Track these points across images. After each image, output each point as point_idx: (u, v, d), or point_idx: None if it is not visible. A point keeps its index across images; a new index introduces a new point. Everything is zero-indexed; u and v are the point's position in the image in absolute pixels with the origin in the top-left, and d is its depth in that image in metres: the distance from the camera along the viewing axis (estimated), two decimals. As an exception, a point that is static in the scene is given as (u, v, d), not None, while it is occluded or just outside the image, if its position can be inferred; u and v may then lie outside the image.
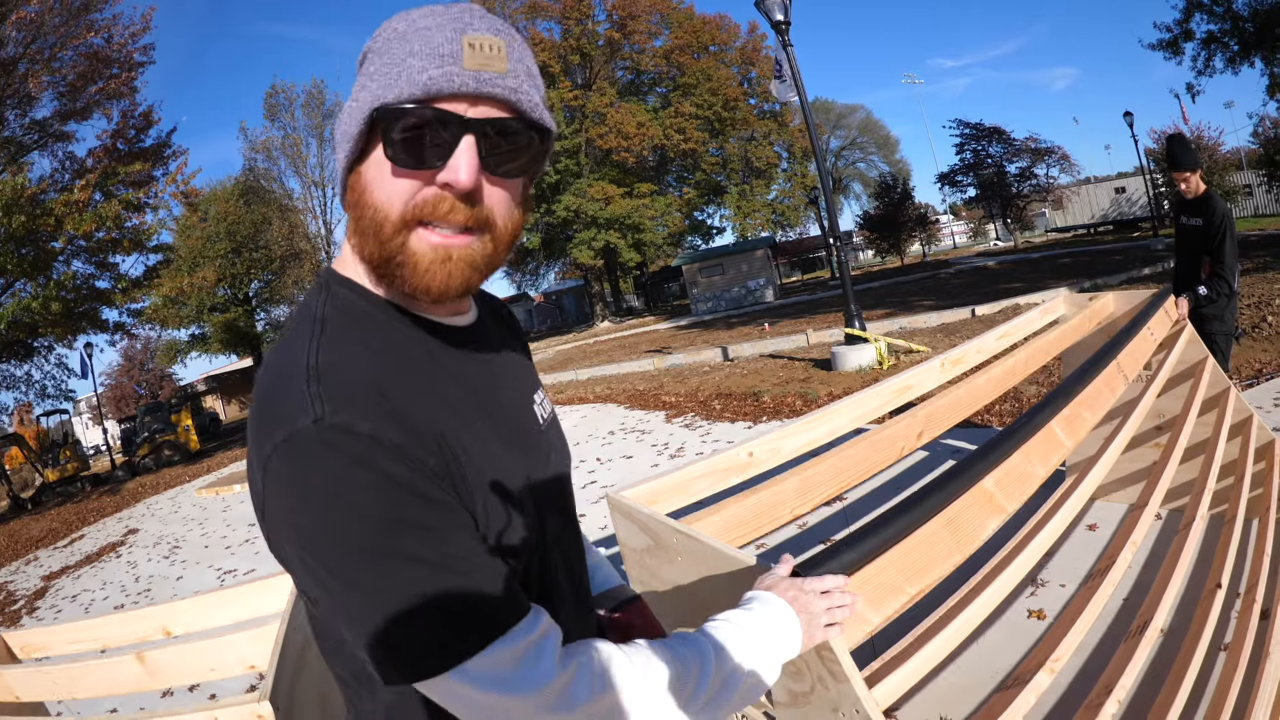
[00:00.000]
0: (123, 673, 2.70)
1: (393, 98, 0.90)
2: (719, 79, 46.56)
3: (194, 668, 2.70)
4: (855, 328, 13.37)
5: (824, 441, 2.75)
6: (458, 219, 0.94)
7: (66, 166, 23.91)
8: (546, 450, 1.19)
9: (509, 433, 1.09)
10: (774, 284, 43.60)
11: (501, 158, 0.96)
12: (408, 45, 0.91)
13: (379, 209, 0.94)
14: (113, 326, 26.74)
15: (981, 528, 1.84)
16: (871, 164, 76.37)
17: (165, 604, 3.00)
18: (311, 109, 44.89)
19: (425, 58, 0.89)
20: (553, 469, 1.18)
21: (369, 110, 0.92)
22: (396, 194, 0.94)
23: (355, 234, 0.99)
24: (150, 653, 2.68)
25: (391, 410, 0.89)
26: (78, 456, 27.65)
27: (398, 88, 0.90)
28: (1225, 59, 26.19)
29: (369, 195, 0.95)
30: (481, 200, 0.96)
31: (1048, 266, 26.75)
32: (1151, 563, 4.00)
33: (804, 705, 1.58)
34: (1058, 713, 3.05)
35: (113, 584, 9.88)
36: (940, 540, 1.71)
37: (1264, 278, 13.64)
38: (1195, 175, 5.41)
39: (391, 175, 0.94)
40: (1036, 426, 2.17)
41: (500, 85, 0.92)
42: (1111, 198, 50.29)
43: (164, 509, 16.31)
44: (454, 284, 0.97)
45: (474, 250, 0.97)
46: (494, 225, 0.98)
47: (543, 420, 1.22)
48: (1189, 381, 3.95)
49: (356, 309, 1.02)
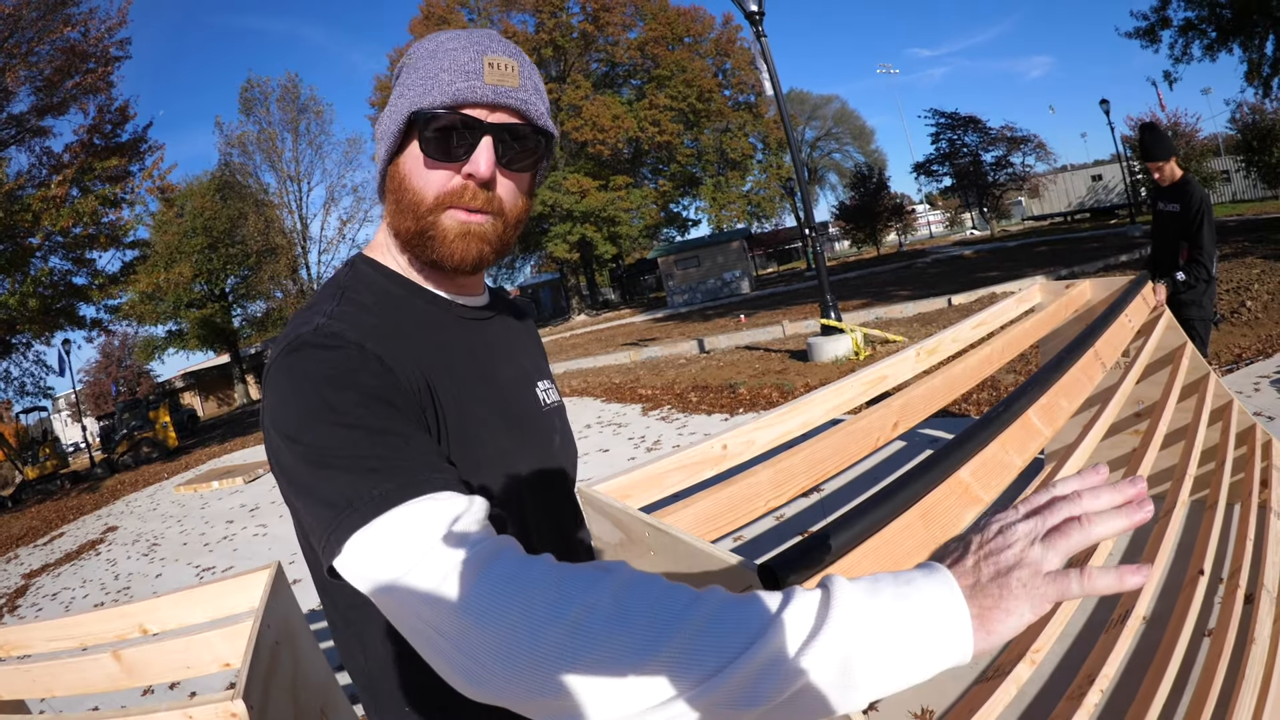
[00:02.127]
0: (100, 671, 2.71)
1: (427, 104, 1.09)
2: (693, 70, 46.47)
3: (170, 666, 2.71)
4: (831, 318, 13.38)
5: (798, 434, 2.72)
6: (477, 203, 1.12)
7: (43, 162, 23.67)
8: (548, 432, 1.34)
9: (504, 405, 1.24)
10: (750, 276, 43.64)
11: (513, 156, 1.15)
12: (439, 62, 1.10)
13: (417, 192, 1.13)
14: (90, 323, 26.52)
15: (958, 519, 1.81)
16: (847, 154, 76.56)
17: (142, 601, 2.99)
18: (286, 103, 44.88)
19: (454, 73, 1.09)
20: (551, 452, 1.32)
21: (408, 113, 1.11)
22: (431, 181, 1.12)
23: (395, 213, 1.17)
24: (126, 651, 2.69)
25: (384, 345, 1.04)
26: (57, 454, 27.46)
27: (431, 95, 1.09)
28: (1203, 46, 26.22)
29: (409, 181, 1.14)
30: (495, 189, 1.14)
31: (1024, 255, 26.94)
32: (1133, 550, 4.00)
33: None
34: (1040, 703, 3.04)
35: (93, 582, 9.82)
36: (915, 532, 1.68)
37: (1243, 263, 13.75)
38: (1169, 163, 5.41)
39: (425, 166, 1.12)
40: (1013, 415, 2.15)
41: (513, 97, 1.11)
42: (1088, 185, 50.52)
43: (143, 506, 16.22)
44: (470, 254, 1.14)
45: (487, 229, 1.15)
46: (504, 209, 1.17)
47: (545, 404, 1.36)
48: (1168, 368, 3.95)
49: (376, 283, 1.20)
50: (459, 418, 1.12)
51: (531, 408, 1.32)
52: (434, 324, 1.20)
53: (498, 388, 1.24)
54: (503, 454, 1.18)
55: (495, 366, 1.27)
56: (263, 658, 2.11)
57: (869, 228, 52.45)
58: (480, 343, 1.27)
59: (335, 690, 2.69)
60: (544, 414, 1.34)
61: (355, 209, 47.64)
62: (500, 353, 1.30)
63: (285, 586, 2.68)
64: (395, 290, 1.20)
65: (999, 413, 2.09)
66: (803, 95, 73.83)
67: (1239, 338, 8.56)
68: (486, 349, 1.27)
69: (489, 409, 1.19)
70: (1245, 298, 10.34)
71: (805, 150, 71.59)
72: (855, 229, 53.75)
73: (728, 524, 2.11)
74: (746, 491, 2.15)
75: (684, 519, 1.99)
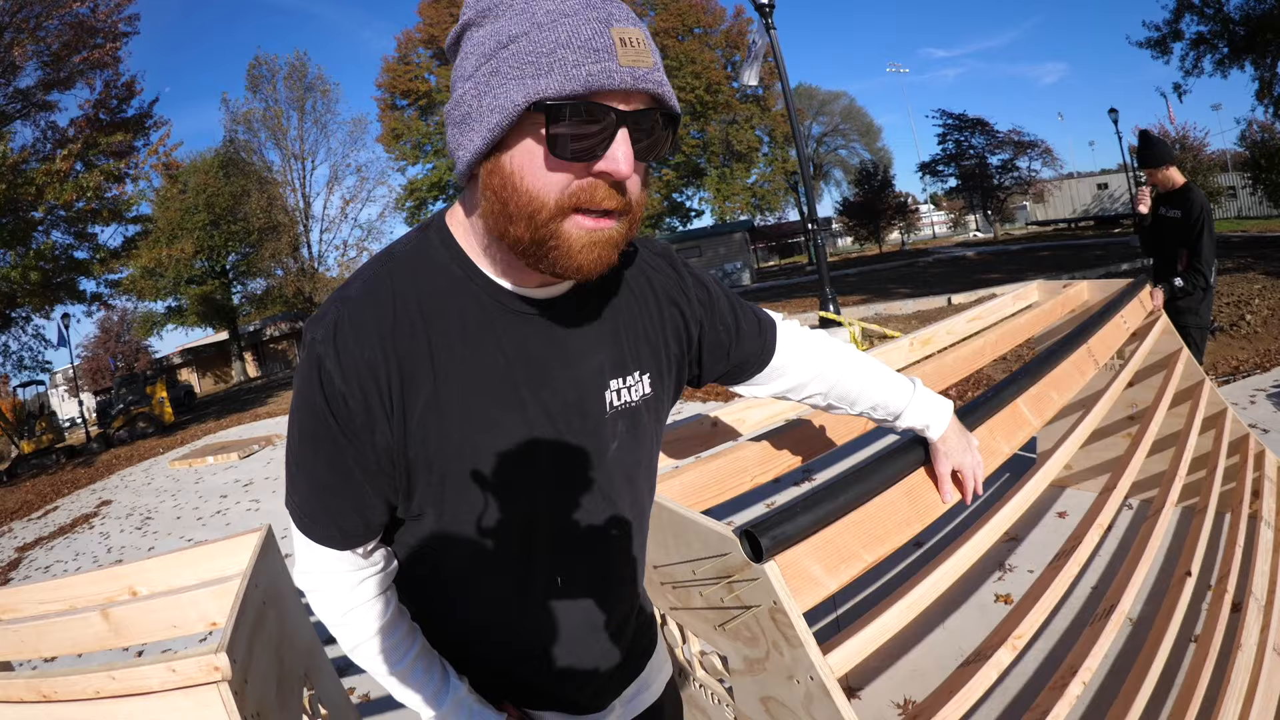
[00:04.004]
0: (88, 630, 2.69)
1: (553, 92, 0.91)
2: (703, 62, 46.01)
3: (157, 624, 2.68)
4: (830, 311, 13.37)
5: (790, 415, 2.73)
6: (610, 205, 0.99)
7: (48, 136, 23.61)
8: (604, 435, 1.23)
9: (548, 406, 1.15)
10: (751, 268, 43.81)
11: (645, 146, 0.99)
12: (555, 34, 0.92)
13: (535, 196, 0.98)
14: (90, 297, 26.62)
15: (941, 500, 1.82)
16: (854, 151, 75.65)
17: (132, 564, 2.97)
18: (294, 81, 44.42)
19: (581, 50, 0.91)
20: (603, 455, 1.23)
21: (526, 102, 0.92)
22: (553, 183, 0.97)
23: (498, 217, 1.02)
24: (114, 610, 2.66)
25: (358, 356, 1.04)
26: (53, 428, 27.39)
27: (555, 80, 0.91)
28: (1214, 61, 26.22)
29: (521, 182, 0.98)
30: (628, 186, 1.01)
31: (1027, 259, 26.87)
32: (1120, 551, 4.01)
33: (759, 673, 1.57)
34: (1023, 693, 3.06)
35: (85, 555, 9.81)
36: (899, 508, 1.69)
37: (1244, 278, 13.71)
38: (1165, 170, 5.40)
39: (545, 165, 0.96)
40: (1003, 402, 2.15)
41: (650, 80, 0.95)
42: (1094, 193, 50.61)
43: (137, 480, 16.19)
44: (601, 263, 1.03)
45: (615, 232, 1.02)
46: (633, 207, 1.04)
47: (613, 405, 1.23)
48: (1162, 372, 3.95)
49: (436, 260, 1.12)
50: (463, 432, 1.09)
51: (592, 411, 1.21)
52: (475, 323, 1.11)
53: (548, 390, 1.15)
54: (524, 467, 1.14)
55: (553, 371, 1.16)
56: (249, 615, 2.10)
57: (872, 225, 52.58)
58: (539, 342, 1.15)
59: (320, 656, 2.69)
60: (606, 419, 1.22)
61: (358, 188, 47.25)
62: (563, 351, 1.17)
63: (275, 550, 2.67)
64: (452, 275, 1.12)
65: (989, 398, 2.10)
66: (811, 90, 73.27)
67: (1237, 350, 8.55)
68: (546, 347, 1.15)
69: (519, 419, 1.13)
70: (1245, 311, 10.32)
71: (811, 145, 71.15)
72: (858, 225, 53.84)
73: (714, 496, 2.12)
74: (733, 465, 2.16)
75: (672, 488, 2.00)
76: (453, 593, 1.25)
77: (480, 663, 1.32)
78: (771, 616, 1.44)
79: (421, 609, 1.30)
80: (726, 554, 1.52)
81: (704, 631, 1.73)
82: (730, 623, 1.56)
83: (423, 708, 1.26)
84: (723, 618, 1.58)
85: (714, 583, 1.57)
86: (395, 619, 1.24)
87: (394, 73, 46.28)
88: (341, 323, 1.05)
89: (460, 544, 1.17)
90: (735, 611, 1.54)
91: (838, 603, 3.97)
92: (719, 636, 1.65)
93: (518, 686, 1.34)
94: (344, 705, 2.73)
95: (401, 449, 1.08)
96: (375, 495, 1.13)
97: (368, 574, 1.21)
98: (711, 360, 1.45)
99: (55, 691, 1.90)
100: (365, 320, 1.05)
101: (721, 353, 1.45)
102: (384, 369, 1.04)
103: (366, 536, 1.17)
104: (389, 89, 46.82)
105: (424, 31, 45.05)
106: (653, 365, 1.30)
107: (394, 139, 46.79)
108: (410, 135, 46.57)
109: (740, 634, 1.57)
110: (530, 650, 1.29)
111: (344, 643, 1.24)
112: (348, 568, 1.19)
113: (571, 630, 1.29)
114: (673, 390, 1.40)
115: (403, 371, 1.05)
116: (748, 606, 1.51)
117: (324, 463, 1.09)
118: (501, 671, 1.32)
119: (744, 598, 1.51)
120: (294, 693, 2.31)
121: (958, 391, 8.35)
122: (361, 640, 1.22)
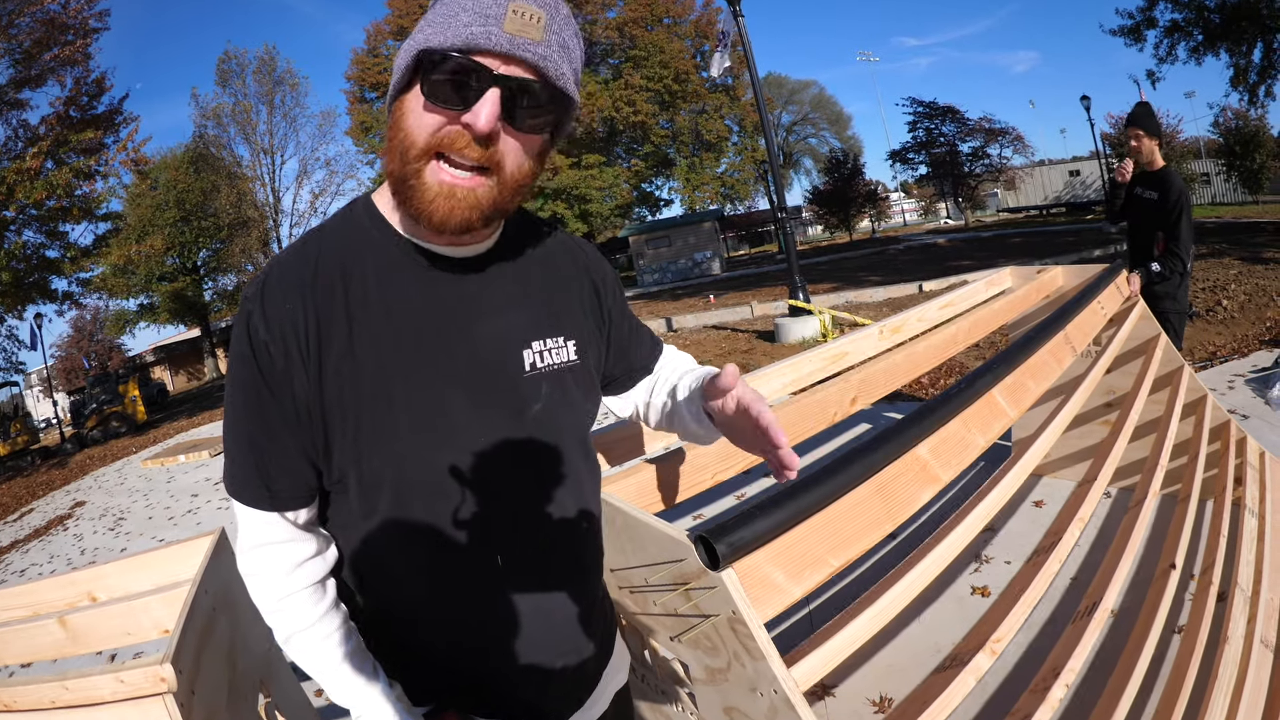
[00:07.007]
0: (48, 638, 2.63)
1: (438, 44, 1.04)
2: (671, 52, 45.82)
3: (112, 631, 2.64)
4: (800, 299, 13.38)
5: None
6: (471, 155, 1.07)
7: (19, 134, 23.31)
8: (522, 398, 1.27)
9: (461, 359, 1.21)
10: (721, 257, 43.86)
11: (523, 113, 1.08)
12: (462, 2, 1.04)
13: (409, 134, 1.09)
14: (62, 296, 26.28)
15: (914, 497, 1.74)
16: (823, 140, 76.12)
17: (92, 569, 2.91)
18: (263, 75, 44.15)
19: (473, 14, 1.03)
20: (522, 419, 1.27)
21: (417, 51, 1.06)
22: (425, 125, 1.08)
23: (387, 152, 1.14)
24: (72, 617, 2.61)
25: (281, 309, 1.13)
26: (28, 429, 27.22)
27: (444, 35, 1.04)
28: (1189, 49, 26.23)
29: (404, 120, 1.10)
30: (497, 144, 1.08)
31: (999, 245, 27.11)
32: (1100, 542, 3.97)
33: (721, 683, 1.48)
34: (1002, 696, 2.98)
35: (59, 557, 9.74)
36: (869, 507, 1.60)
37: (1220, 263, 13.85)
38: (1149, 140, 5.31)
39: (423, 109, 1.08)
40: (977, 393, 2.07)
41: (531, 51, 1.04)
42: (1065, 180, 51.07)
43: (110, 481, 16.07)
44: (453, 219, 1.10)
45: (479, 193, 1.10)
46: (502, 169, 1.11)
47: (536, 366, 1.29)
48: (1140, 358, 3.90)
49: (359, 223, 1.23)
50: (375, 381, 1.15)
51: (506, 368, 1.26)
52: (389, 277, 1.20)
53: (458, 345, 1.21)
54: (438, 417, 1.18)
55: (466, 323, 1.23)
56: (196, 623, 2.06)
57: (842, 213, 53.06)
58: (454, 296, 1.23)
59: (279, 662, 2.61)
60: (526, 378, 1.27)
61: (328, 182, 47.00)
62: (474, 305, 1.25)
63: (228, 554, 2.59)
64: (370, 237, 1.22)
65: (962, 388, 2.01)
66: (781, 79, 73.55)
67: (1214, 335, 8.59)
68: (462, 303, 1.23)
69: (433, 371, 1.19)
70: (1221, 297, 10.38)
71: (781, 134, 71.43)
72: (828, 214, 54.24)
73: (672, 495, 2.01)
74: (693, 462, 2.04)
75: (625, 489, 1.88)
76: (390, 573, 1.26)
77: (423, 659, 1.30)
78: (731, 626, 1.35)
79: (364, 600, 1.30)
80: (682, 560, 1.42)
81: (663, 639, 1.63)
82: (689, 632, 1.46)
83: (354, 706, 1.25)
84: (681, 626, 1.49)
85: (671, 589, 1.48)
86: (331, 612, 1.25)
87: (363, 65, 45.84)
88: (269, 280, 1.15)
89: (382, 512, 1.20)
90: (694, 620, 1.45)
91: (810, 598, 3.87)
92: (679, 645, 1.56)
93: (467, 690, 1.31)
94: (304, 712, 2.65)
95: (318, 399, 1.14)
96: (298, 454, 1.17)
97: (304, 555, 1.23)
98: (614, 357, 1.52)
99: (15, 701, 1.91)
100: (289, 277, 1.15)
101: (620, 351, 1.53)
102: (303, 320, 1.13)
103: (295, 501, 1.20)
104: (358, 81, 46.39)
105: (393, 23, 44.63)
106: (577, 335, 1.37)
107: (363, 132, 46.41)
108: (379, 128, 45.87)
109: (700, 643, 1.48)
110: (475, 643, 1.28)
111: (278, 632, 1.24)
112: (282, 538, 1.21)
113: (517, 620, 1.28)
114: (598, 368, 1.45)
115: (320, 322, 1.13)
116: (706, 615, 1.41)
117: (251, 415, 1.16)
118: (447, 668, 1.30)
119: (702, 606, 1.41)
120: (248, 701, 2.25)
121: (930, 380, 8.33)
122: (295, 630, 1.23)
